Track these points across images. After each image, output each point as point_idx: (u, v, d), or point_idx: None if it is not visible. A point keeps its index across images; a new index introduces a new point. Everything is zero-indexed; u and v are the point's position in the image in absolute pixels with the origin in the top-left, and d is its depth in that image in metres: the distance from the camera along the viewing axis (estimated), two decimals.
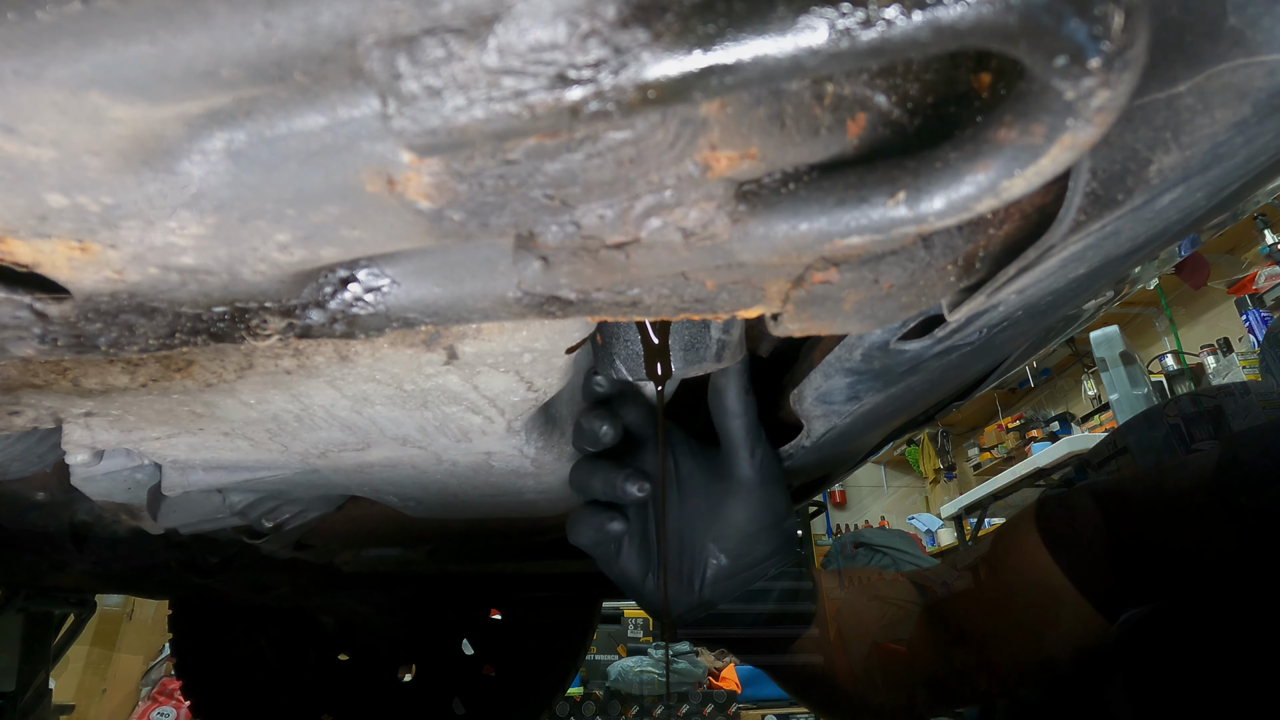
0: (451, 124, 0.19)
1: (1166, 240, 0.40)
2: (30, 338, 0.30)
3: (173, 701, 3.28)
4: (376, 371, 0.44)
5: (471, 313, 0.32)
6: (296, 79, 0.22)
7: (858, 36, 0.17)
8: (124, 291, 0.29)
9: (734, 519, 0.60)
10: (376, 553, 1.09)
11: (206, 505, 0.70)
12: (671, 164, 0.24)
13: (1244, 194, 0.38)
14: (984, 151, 0.21)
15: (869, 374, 0.49)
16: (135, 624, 3.47)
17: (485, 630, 1.72)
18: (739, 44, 0.18)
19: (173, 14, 0.20)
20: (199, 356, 0.42)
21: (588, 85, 0.18)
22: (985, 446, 7.00)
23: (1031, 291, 0.38)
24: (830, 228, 0.24)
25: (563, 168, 0.23)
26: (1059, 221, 0.28)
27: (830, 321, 0.33)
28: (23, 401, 0.45)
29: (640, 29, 0.18)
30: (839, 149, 0.24)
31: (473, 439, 0.55)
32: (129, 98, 0.22)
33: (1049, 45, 0.17)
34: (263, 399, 0.46)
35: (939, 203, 0.22)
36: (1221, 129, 0.28)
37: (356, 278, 0.31)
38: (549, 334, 0.42)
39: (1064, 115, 0.19)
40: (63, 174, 0.24)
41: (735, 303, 0.32)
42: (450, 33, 0.19)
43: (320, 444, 0.55)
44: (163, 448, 0.54)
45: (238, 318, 0.31)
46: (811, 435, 0.60)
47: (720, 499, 0.60)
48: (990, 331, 0.43)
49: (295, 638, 1.59)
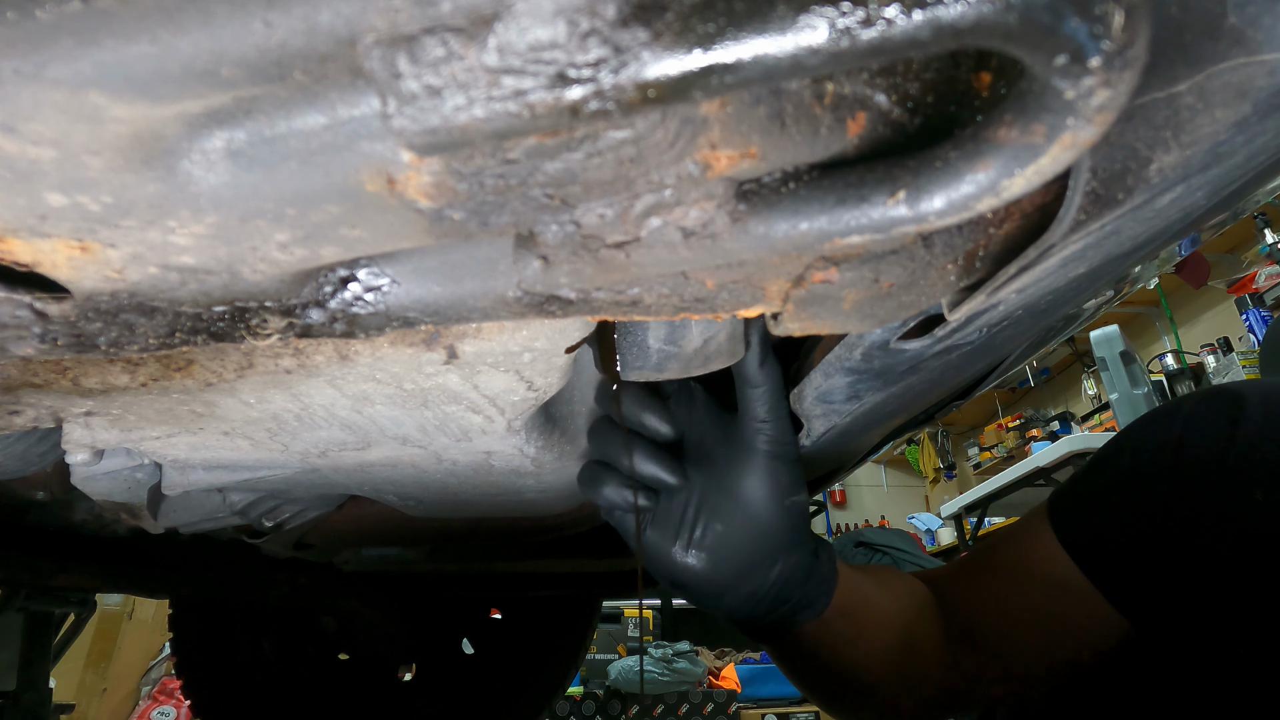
0: (451, 123, 0.19)
1: (1167, 239, 0.40)
2: (30, 337, 0.30)
3: (173, 701, 3.28)
4: (377, 371, 0.44)
5: (471, 312, 0.32)
6: (296, 78, 0.22)
7: (858, 36, 0.17)
8: (124, 291, 0.29)
9: (736, 488, 0.59)
10: (376, 552, 1.09)
11: (207, 504, 0.70)
12: (672, 163, 0.24)
13: (1244, 193, 0.38)
14: (984, 151, 0.21)
15: (869, 373, 0.49)
16: (135, 624, 3.47)
17: (485, 630, 1.72)
18: (739, 43, 0.18)
19: (173, 13, 0.20)
20: (199, 356, 0.42)
21: (588, 84, 0.18)
22: (985, 446, 7.00)
23: (1032, 290, 0.38)
24: (830, 227, 0.24)
25: (563, 167, 0.23)
26: (1059, 221, 0.28)
27: (830, 320, 0.33)
28: (23, 401, 0.45)
29: (640, 28, 0.18)
30: (839, 148, 0.24)
31: (473, 438, 0.55)
32: (129, 97, 0.22)
33: (1049, 44, 0.17)
34: (263, 398, 0.47)
35: (939, 202, 0.22)
36: (1222, 128, 0.28)
37: (356, 277, 0.31)
38: (549, 333, 0.42)
39: (1064, 114, 0.19)
40: (63, 173, 0.24)
41: (735, 302, 0.32)
42: (450, 32, 0.19)
43: (320, 443, 0.55)
44: (163, 447, 0.54)
45: (238, 317, 0.31)
46: (811, 434, 0.60)
47: (726, 466, 0.59)
48: (990, 331, 0.43)
49: (295, 638, 1.59)
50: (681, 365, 0.50)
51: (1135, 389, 3.12)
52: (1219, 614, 0.62)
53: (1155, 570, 0.65)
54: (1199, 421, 0.67)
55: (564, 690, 1.81)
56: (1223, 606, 0.62)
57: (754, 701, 3.68)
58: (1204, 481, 0.64)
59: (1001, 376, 0.65)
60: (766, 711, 3.67)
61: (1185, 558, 0.63)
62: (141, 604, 3.48)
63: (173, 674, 3.13)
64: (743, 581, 0.60)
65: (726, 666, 3.75)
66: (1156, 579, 0.65)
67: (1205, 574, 0.62)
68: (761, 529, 0.59)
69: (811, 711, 3.65)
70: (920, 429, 0.84)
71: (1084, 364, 5.79)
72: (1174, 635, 0.65)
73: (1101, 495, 0.70)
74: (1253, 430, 0.63)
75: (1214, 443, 0.65)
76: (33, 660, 1.42)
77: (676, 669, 3.41)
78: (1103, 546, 0.68)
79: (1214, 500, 0.62)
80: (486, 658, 1.69)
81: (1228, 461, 0.63)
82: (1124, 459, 0.71)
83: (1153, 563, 0.65)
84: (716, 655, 3.97)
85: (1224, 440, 0.64)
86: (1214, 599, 0.62)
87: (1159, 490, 0.66)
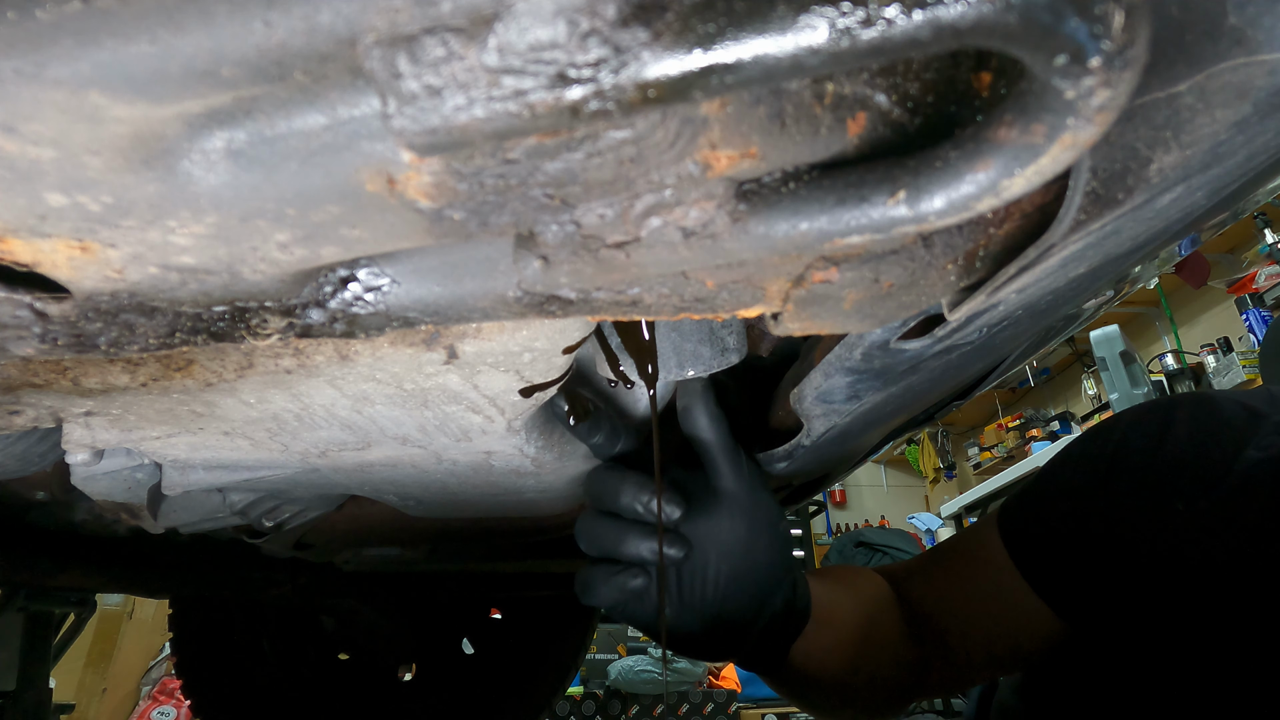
0: (452, 123, 0.19)
1: (1167, 239, 0.40)
2: (30, 337, 0.30)
3: (173, 701, 3.28)
4: (377, 371, 0.44)
5: (472, 312, 0.32)
6: (296, 78, 0.22)
7: (858, 36, 0.17)
8: (124, 291, 0.29)
9: (730, 529, 0.60)
10: (376, 552, 1.09)
11: (207, 504, 0.70)
12: (672, 163, 0.24)
13: (1244, 193, 0.38)
14: (984, 151, 0.21)
15: (869, 373, 0.49)
16: (135, 624, 3.47)
17: (485, 630, 1.72)
18: (739, 43, 0.18)
19: (173, 13, 0.20)
20: (199, 356, 0.42)
21: (588, 84, 0.18)
22: (985, 446, 7.00)
23: (1032, 290, 0.38)
24: (830, 227, 0.24)
25: (563, 167, 0.23)
26: (1059, 220, 0.28)
27: (830, 320, 0.33)
28: (23, 401, 0.45)
29: (640, 28, 0.18)
30: (839, 148, 0.24)
31: (473, 438, 0.55)
32: (129, 97, 0.22)
33: (1049, 44, 0.17)
34: (263, 398, 0.46)
35: (939, 202, 0.22)
36: (1222, 128, 0.28)
37: (357, 277, 0.31)
38: (549, 333, 0.42)
39: (1064, 114, 0.19)
40: (63, 173, 0.24)
41: (735, 302, 0.32)
42: (450, 32, 0.19)
43: (320, 443, 0.55)
44: (163, 447, 0.54)
45: (238, 317, 0.31)
46: (811, 434, 0.60)
47: (713, 513, 0.60)
48: (990, 331, 0.43)
49: (295, 638, 1.59)
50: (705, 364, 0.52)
51: (1135, 389, 3.12)
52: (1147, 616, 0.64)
53: (1085, 575, 0.68)
54: (1133, 433, 0.70)
55: (564, 690, 1.81)
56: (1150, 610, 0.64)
57: (754, 701, 3.68)
58: (1132, 492, 0.66)
59: (1001, 376, 0.65)
60: (766, 711, 3.67)
61: (1114, 562, 0.66)
62: (141, 604, 3.48)
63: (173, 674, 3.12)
64: (761, 613, 0.61)
65: (726, 666, 3.75)
66: (1086, 583, 0.68)
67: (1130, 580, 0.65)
68: (769, 558, 0.61)
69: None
70: (920, 429, 0.85)
71: (1084, 364, 5.79)
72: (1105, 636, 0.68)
73: (1043, 504, 0.73)
74: (1177, 443, 0.66)
75: (1141, 455, 0.67)
76: (33, 660, 1.42)
77: (676, 669, 3.41)
78: (1040, 549, 0.71)
79: (1139, 511, 0.65)
80: (486, 658, 1.69)
81: (1152, 472, 0.66)
82: (1067, 468, 0.74)
83: (1083, 568, 0.68)
84: None
85: (1151, 453, 0.67)
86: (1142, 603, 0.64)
87: (1092, 500, 0.69)
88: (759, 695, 3.69)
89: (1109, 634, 0.67)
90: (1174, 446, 0.66)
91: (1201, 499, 0.61)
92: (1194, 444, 0.65)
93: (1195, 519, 0.61)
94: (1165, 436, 0.66)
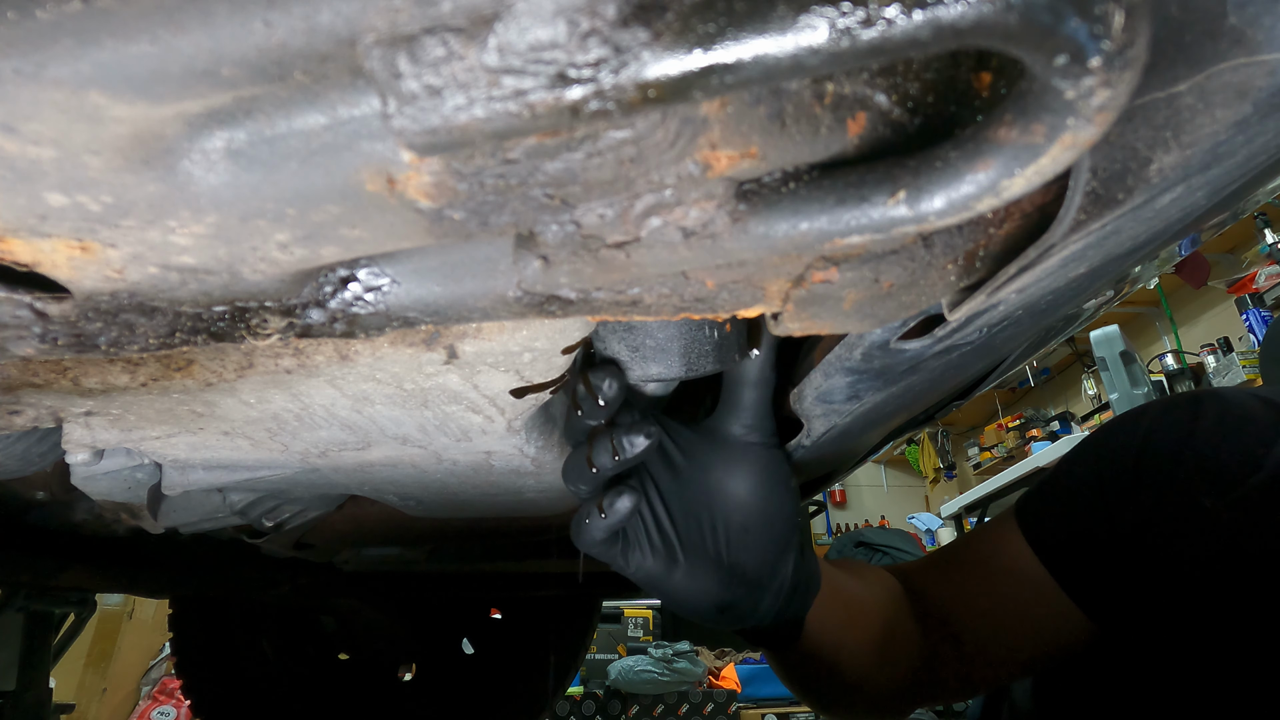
0: (452, 123, 0.19)
1: (1167, 239, 0.40)
2: (30, 337, 0.30)
3: (173, 701, 3.28)
4: (377, 371, 0.44)
5: (472, 312, 0.32)
6: (296, 78, 0.22)
7: (858, 36, 0.17)
8: (124, 291, 0.29)
9: (744, 477, 0.57)
10: (376, 552, 1.09)
11: (207, 504, 0.70)
12: (672, 163, 0.24)
13: (1244, 193, 0.38)
14: (984, 151, 0.21)
15: (869, 373, 0.49)
16: (135, 624, 3.47)
17: (485, 630, 1.72)
18: (739, 43, 0.18)
19: (173, 13, 0.20)
20: (199, 356, 0.42)
21: (588, 84, 0.18)
22: (985, 446, 7.00)
23: (1032, 291, 0.38)
24: (830, 227, 0.24)
25: (563, 167, 0.23)
26: (1059, 221, 0.28)
27: (830, 320, 0.33)
28: (23, 401, 0.45)
29: (640, 28, 0.18)
30: (839, 148, 0.24)
31: (473, 438, 0.55)
32: (129, 97, 0.22)
33: (1049, 44, 0.17)
34: (263, 398, 0.47)
35: (939, 202, 0.22)
36: (1222, 128, 0.28)
37: (357, 277, 0.31)
38: (549, 333, 0.42)
39: (1064, 114, 0.19)
40: (63, 173, 0.24)
41: (735, 302, 0.32)
42: (450, 32, 0.19)
43: (320, 443, 0.55)
44: (163, 447, 0.54)
45: (238, 317, 0.31)
46: (811, 434, 0.60)
47: (724, 467, 0.57)
48: (990, 331, 0.43)
49: (295, 638, 1.59)
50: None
51: (1135, 389, 3.12)
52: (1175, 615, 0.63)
53: (1115, 571, 0.66)
54: (1160, 427, 0.68)
55: (564, 690, 1.81)
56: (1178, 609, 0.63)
57: (754, 701, 3.68)
58: (1160, 486, 0.65)
59: (1001, 376, 0.65)
60: (766, 711, 3.67)
61: (1142, 560, 0.64)
62: (141, 604, 3.48)
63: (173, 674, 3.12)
64: (775, 573, 0.58)
65: (726, 666, 3.76)
66: (1116, 579, 0.66)
67: (1160, 576, 0.63)
68: (783, 514, 0.58)
69: (811, 711, 3.65)
70: (920, 429, 0.84)
71: (1084, 364, 5.79)
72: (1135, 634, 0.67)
73: (1067, 497, 0.72)
74: (1206, 437, 0.65)
75: (1171, 448, 0.66)
76: (33, 660, 1.42)
77: (676, 669, 3.41)
78: (1067, 546, 0.69)
79: (1168, 505, 0.64)
80: (486, 658, 1.69)
81: (1181, 467, 0.65)
82: (1090, 462, 0.72)
83: (1112, 563, 0.66)
84: (716, 655, 3.97)
85: (1180, 446, 0.66)
86: (1169, 601, 0.63)
87: (1121, 493, 0.67)
88: (759, 695, 3.69)
89: (1136, 635, 0.66)
90: (1203, 441, 0.64)
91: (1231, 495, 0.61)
92: (1224, 439, 0.64)
93: (1225, 515, 0.60)
94: (1193, 431, 0.65)
